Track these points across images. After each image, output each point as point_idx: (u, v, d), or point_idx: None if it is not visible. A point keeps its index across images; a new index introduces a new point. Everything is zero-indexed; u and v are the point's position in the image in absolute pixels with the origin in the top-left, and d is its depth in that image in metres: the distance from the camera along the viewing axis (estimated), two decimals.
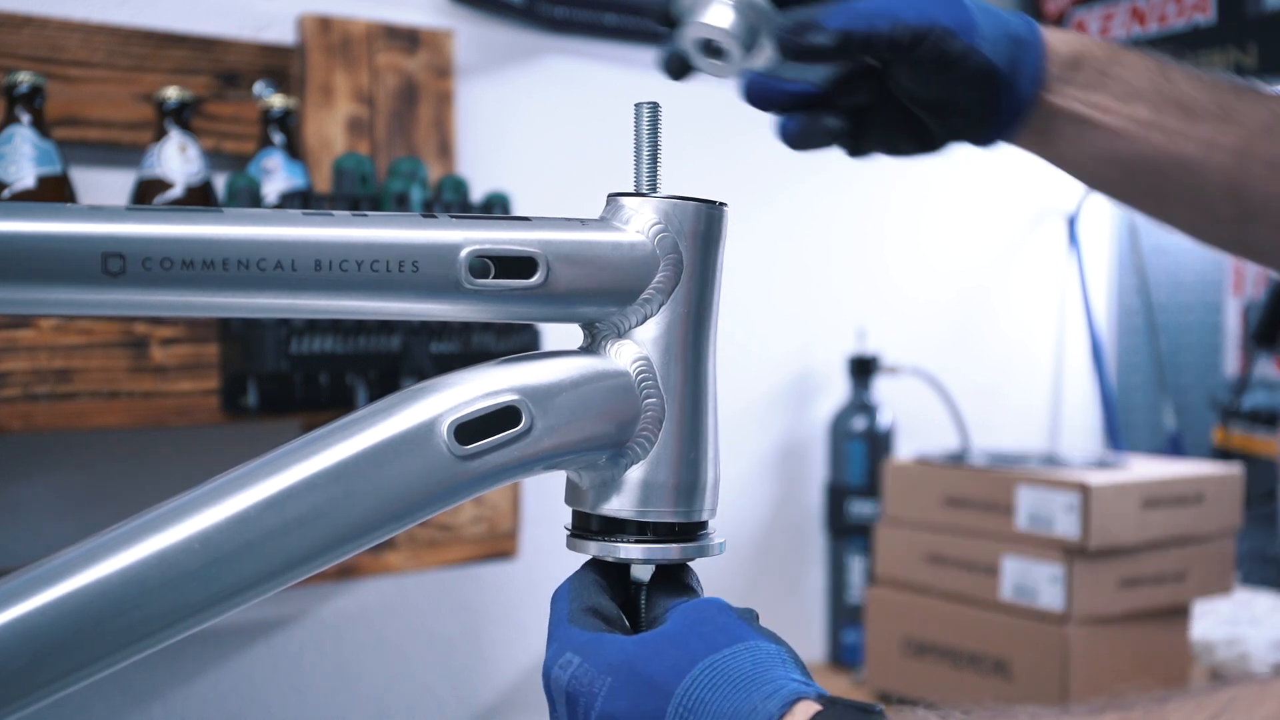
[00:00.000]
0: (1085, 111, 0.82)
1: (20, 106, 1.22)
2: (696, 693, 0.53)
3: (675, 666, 0.54)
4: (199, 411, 1.28)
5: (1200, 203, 0.81)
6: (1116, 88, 0.81)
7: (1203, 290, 2.33)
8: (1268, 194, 0.79)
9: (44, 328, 1.20)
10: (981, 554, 1.69)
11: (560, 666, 0.56)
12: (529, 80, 1.77)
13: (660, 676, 0.54)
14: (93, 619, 0.51)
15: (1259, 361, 2.21)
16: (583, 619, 0.58)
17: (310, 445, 0.55)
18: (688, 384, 0.60)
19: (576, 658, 0.56)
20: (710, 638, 0.55)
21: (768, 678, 0.53)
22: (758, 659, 0.54)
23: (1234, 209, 0.81)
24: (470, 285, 0.56)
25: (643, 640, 0.55)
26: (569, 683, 0.55)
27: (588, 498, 0.61)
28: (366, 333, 1.30)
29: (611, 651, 0.55)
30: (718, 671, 0.53)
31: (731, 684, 0.53)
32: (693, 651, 0.54)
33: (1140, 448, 2.39)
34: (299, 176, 1.37)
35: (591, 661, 0.55)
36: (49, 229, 0.50)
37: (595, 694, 0.54)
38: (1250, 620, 1.80)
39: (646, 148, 0.61)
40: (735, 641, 0.55)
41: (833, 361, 2.08)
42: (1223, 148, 0.79)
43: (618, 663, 0.55)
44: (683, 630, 0.56)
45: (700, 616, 0.56)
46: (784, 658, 0.55)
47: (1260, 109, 0.80)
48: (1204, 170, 0.80)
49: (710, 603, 0.57)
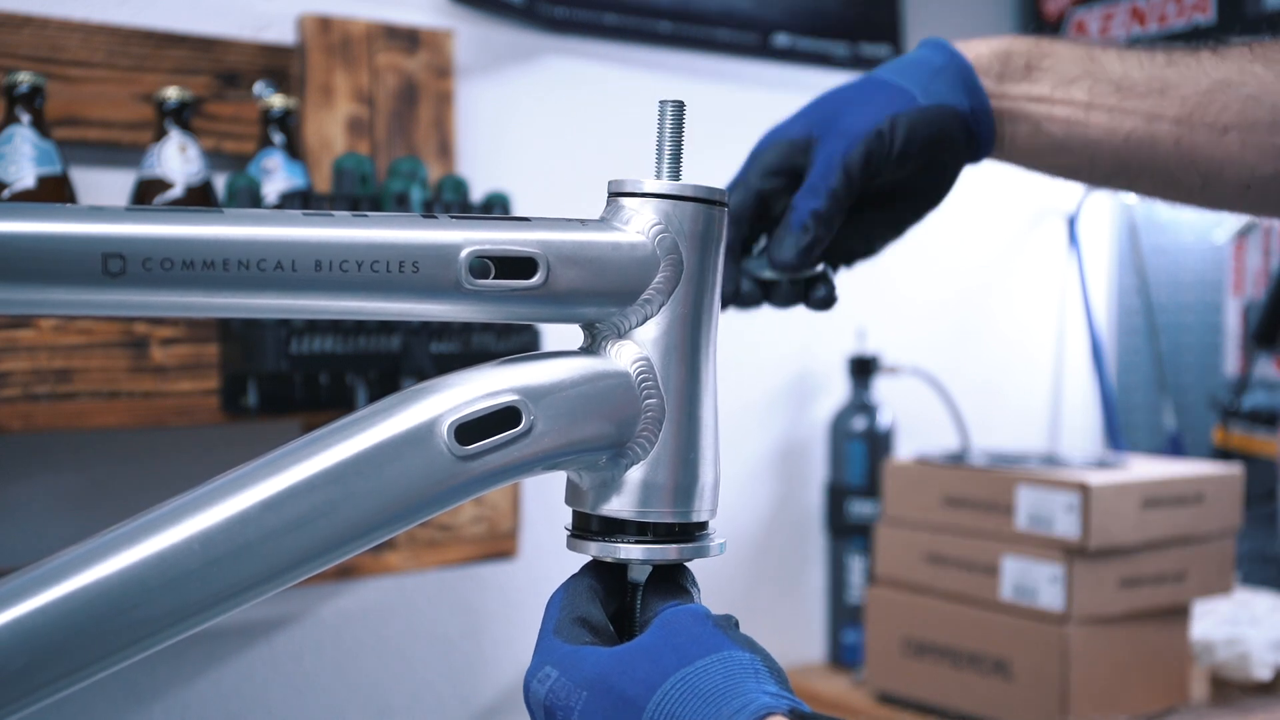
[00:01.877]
0: (1025, 107, 0.83)
1: (20, 106, 1.22)
2: (668, 707, 0.53)
3: (647, 681, 0.54)
4: (199, 411, 1.28)
5: (1164, 175, 0.83)
6: (1048, 77, 0.82)
7: (1203, 290, 2.33)
8: (1218, 158, 0.80)
9: (44, 328, 1.20)
10: (981, 554, 1.69)
11: (539, 680, 0.56)
12: (529, 80, 1.77)
13: (633, 691, 0.54)
14: (93, 619, 0.51)
15: (1259, 361, 2.21)
16: (568, 629, 0.58)
17: (310, 445, 0.55)
18: (688, 384, 0.60)
19: (555, 671, 0.56)
20: (683, 649, 0.55)
21: (738, 691, 0.53)
22: (730, 671, 0.54)
23: (1196, 176, 0.82)
24: (470, 286, 0.56)
25: (617, 654, 0.56)
26: (546, 696, 0.56)
27: (588, 498, 0.61)
28: (366, 333, 1.30)
29: (588, 666, 0.55)
30: (688, 685, 0.53)
31: (702, 698, 0.53)
32: (664, 665, 0.54)
33: (1140, 448, 2.39)
34: (299, 176, 1.37)
35: (569, 675, 0.56)
36: (49, 229, 0.50)
37: (572, 708, 0.55)
38: (1250, 620, 1.80)
39: (670, 144, 0.61)
40: (708, 653, 0.55)
41: (833, 361, 2.08)
42: (1166, 118, 0.81)
43: (593, 677, 0.55)
44: (657, 642, 0.56)
45: (675, 628, 0.56)
46: (758, 668, 0.54)
47: (1198, 75, 0.81)
48: (1155, 143, 0.81)
49: (686, 612, 0.57)
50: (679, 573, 0.62)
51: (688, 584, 0.62)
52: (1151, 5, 2.14)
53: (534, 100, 1.77)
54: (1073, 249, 2.38)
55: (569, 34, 1.78)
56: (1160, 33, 2.13)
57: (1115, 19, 2.19)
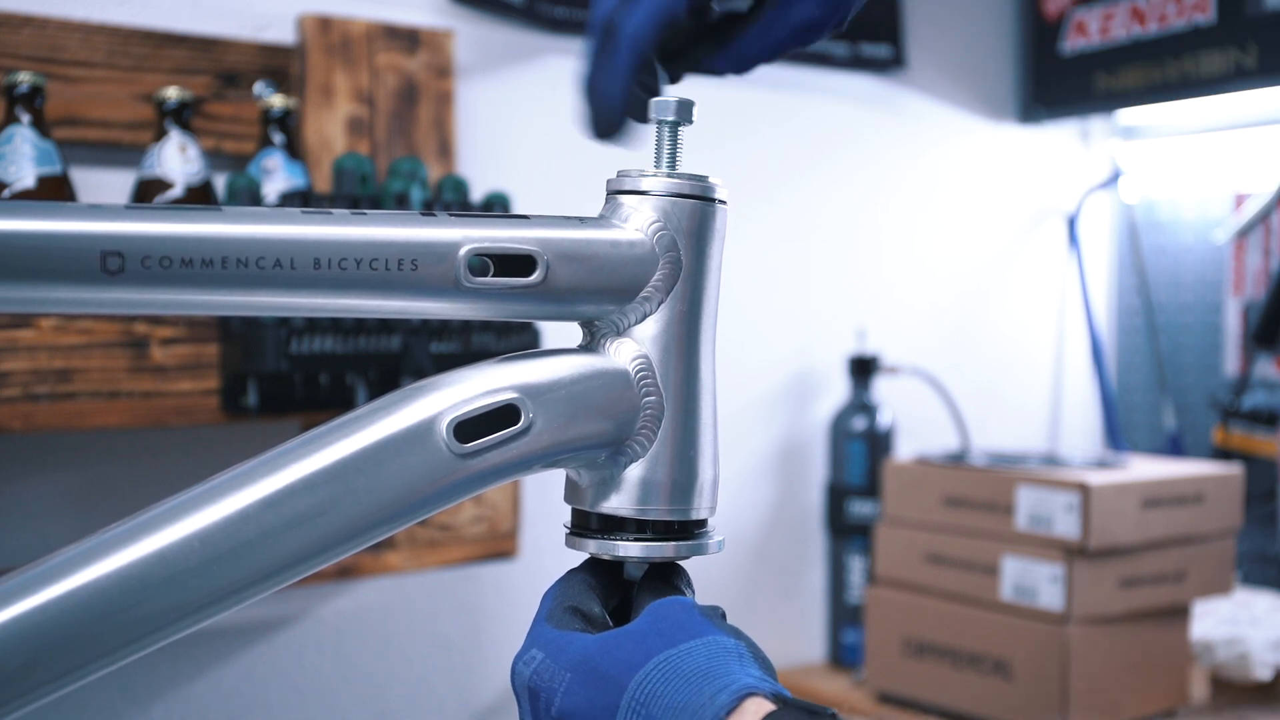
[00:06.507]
0: None
1: (20, 106, 1.22)
2: (649, 686, 0.53)
3: (630, 661, 0.54)
4: (199, 411, 1.28)
5: None
6: None
7: (1203, 290, 2.33)
8: None
9: (44, 328, 1.20)
10: (981, 554, 1.69)
11: (524, 662, 0.57)
12: (529, 80, 1.77)
13: (615, 670, 0.54)
14: (92, 617, 0.51)
15: (1259, 361, 2.21)
16: (559, 617, 0.58)
17: (310, 443, 0.55)
18: (687, 382, 0.60)
19: (540, 654, 0.56)
20: (668, 634, 0.55)
21: (721, 672, 0.53)
22: (713, 654, 0.54)
23: None
24: (469, 284, 0.56)
25: (603, 638, 0.56)
26: (531, 678, 0.56)
27: (587, 496, 0.61)
28: (366, 333, 1.30)
29: (573, 649, 0.56)
30: (671, 666, 0.53)
31: (684, 678, 0.53)
32: (649, 647, 0.54)
33: (1140, 448, 2.39)
34: (299, 176, 1.37)
35: (554, 658, 0.56)
36: (48, 227, 0.50)
37: (555, 690, 0.55)
38: (1250, 620, 1.80)
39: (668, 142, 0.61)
40: (693, 637, 0.55)
41: (833, 361, 2.08)
42: None
43: (577, 659, 0.55)
44: (643, 628, 0.56)
45: (661, 614, 0.57)
46: (742, 653, 0.55)
47: None
48: None
49: (674, 601, 0.58)
50: (674, 572, 0.62)
51: (682, 584, 0.62)
52: (1151, 5, 2.14)
53: (534, 100, 1.77)
54: (1073, 249, 2.38)
55: (569, 34, 1.78)
56: (1160, 33, 2.13)
57: (1115, 19, 2.19)
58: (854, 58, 2.08)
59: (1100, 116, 2.39)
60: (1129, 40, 2.17)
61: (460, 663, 1.72)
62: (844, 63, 2.06)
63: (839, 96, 2.09)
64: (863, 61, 2.08)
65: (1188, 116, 2.31)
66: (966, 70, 2.27)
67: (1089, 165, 2.41)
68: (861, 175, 2.13)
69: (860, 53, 2.08)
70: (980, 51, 2.30)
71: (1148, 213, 2.40)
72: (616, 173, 0.61)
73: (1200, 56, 2.07)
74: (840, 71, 2.07)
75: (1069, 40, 2.26)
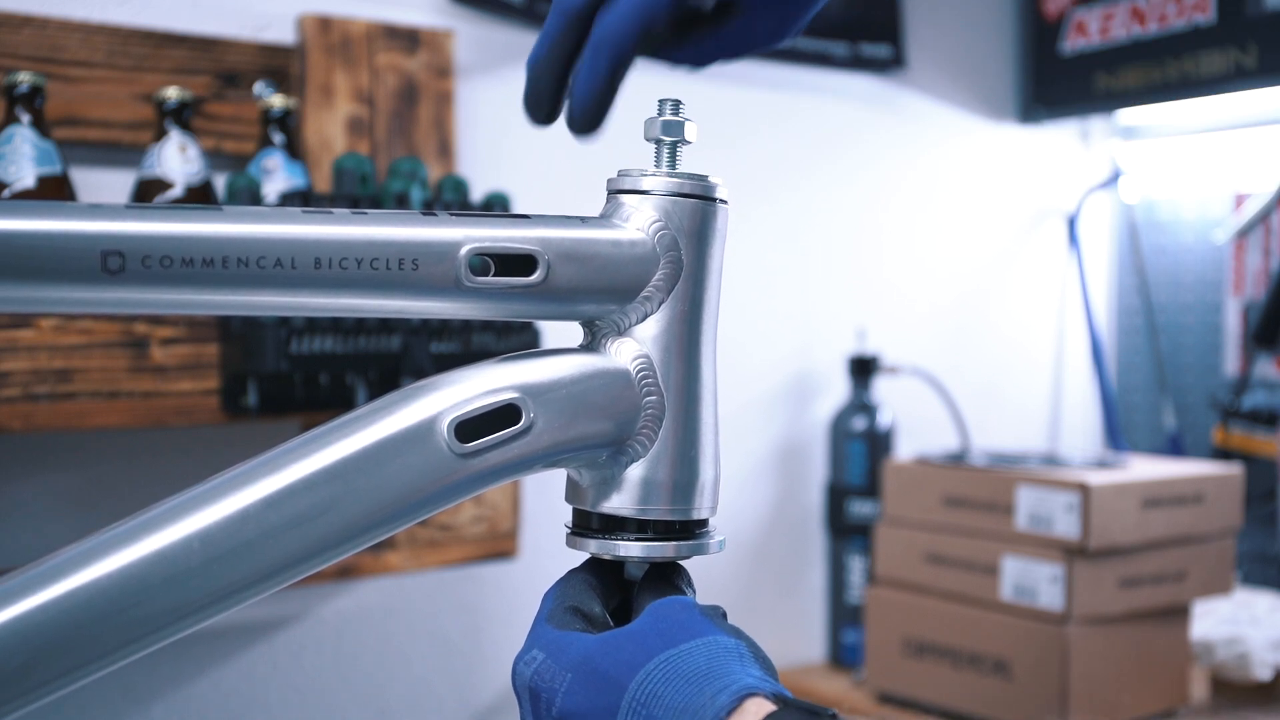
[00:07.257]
0: None
1: (20, 106, 1.22)
2: (650, 686, 0.53)
3: (631, 662, 0.54)
4: (199, 411, 1.28)
5: None
6: None
7: (1203, 290, 2.33)
8: None
9: (44, 328, 1.20)
10: (981, 554, 1.69)
11: (525, 663, 0.57)
12: None
13: (615, 671, 0.54)
14: (92, 617, 0.51)
15: (1259, 361, 2.21)
16: (559, 617, 0.58)
17: (310, 443, 0.55)
18: (688, 381, 0.60)
19: (541, 654, 0.56)
20: (669, 634, 0.55)
21: (722, 672, 0.53)
22: (714, 654, 0.54)
23: None
24: (470, 283, 0.56)
25: (604, 638, 0.56)
26: (532, 679, 0.56)
27: (588, 495, 0.61)
28: (366, 333, 1.30)
29: (574, 649, 0.56)
30: (672, 666, 0.53)
31: (684, 678, 0.53)
32: (649, 647, 0.54)
33: (1140, 448, 2.39)
34: (299, 176, 1.37)
35: (555, 659, 0.56)
36: (48, 227, 0.50)
37: (556, 690, 0.55)
38: (1250, 620, 1.80)
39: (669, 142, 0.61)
40: (693, 637, 0.55)
41: (833, 361, 2.08)
42: None
43: (578, 659, 0.55)
44: (643, 628, 0.56)
45: (662, 614, 0.57)
46: (743, 653, 0.55)
47: None
48: None
49: (675, 601, 0.58)
50: (675, 572, 0.62)
51: (683, 584, 0.62)
52: (1151, 5, 2.14)
53: None
54: (1073, 249, 2.38)
55: None
56: (1160, 33, 2.13)
57: (1115, 19, 2.19)
58: (854, 58, 2.07)
59: (1100, 116, 2.39)
60: (1129, 40, 2.17)
61: (460, 663, 1.72)
62: (844, 63, 2.06)
63: (839, 96, 2.09)
64: (863, 61, 2.08)
65: (1188, 116, 2.31)
66: (966, 70, 2.27)
67: (1089, 165, 2.41)
68: (861, 175, 2.13)
69: (860, 53, 2.08)
70: (980, 51, 2.30)
71: (1148, 213, 2.40)
72: (617, 172, 0.61)
73: (1200, 56, 2.07)
74: (840, 71, 2.07)
75: (1069, 40, 2.26)
